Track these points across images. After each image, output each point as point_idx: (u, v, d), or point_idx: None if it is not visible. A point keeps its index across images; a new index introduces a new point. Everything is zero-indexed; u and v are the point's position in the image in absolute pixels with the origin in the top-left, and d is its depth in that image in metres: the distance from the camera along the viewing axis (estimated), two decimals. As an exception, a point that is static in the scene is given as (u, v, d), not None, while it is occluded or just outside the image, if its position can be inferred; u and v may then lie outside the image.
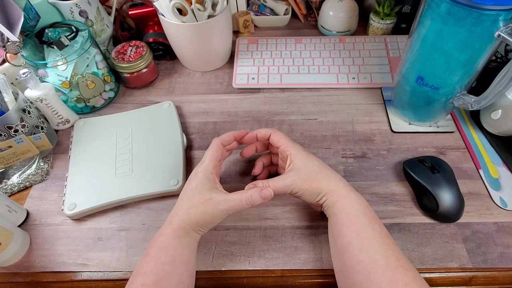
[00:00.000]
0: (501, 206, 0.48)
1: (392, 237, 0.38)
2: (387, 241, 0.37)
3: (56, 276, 0.45)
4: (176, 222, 0.39)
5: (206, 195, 0.39)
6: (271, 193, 0.39)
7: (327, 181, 0.41)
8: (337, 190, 0.41)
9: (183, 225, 0.39)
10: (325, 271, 0.44)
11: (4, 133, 0.51)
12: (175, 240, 0.38)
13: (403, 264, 0.35)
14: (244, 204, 0.39)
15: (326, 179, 0.41)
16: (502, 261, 0.44)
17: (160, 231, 0.40)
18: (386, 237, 0.37)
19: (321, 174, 0.42)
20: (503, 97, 0.51)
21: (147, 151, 0.55)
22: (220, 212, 0.39)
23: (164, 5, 0.58)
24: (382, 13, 0.71)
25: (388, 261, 0.35)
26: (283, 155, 0.45)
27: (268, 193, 0.39)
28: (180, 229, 0.39)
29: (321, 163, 0.43)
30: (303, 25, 0.80)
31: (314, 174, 0.41)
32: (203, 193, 0.40)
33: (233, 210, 0.39)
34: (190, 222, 0.39)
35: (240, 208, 0.39)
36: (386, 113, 0.61)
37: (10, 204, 0.48)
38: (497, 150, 0.54)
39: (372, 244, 0.36)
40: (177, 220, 0.39)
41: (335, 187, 0.41)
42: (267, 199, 0.39)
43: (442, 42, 0.44)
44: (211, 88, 0.67)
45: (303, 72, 0.67)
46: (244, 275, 0.44)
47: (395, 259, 0.35)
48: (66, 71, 0.57)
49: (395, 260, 0.35)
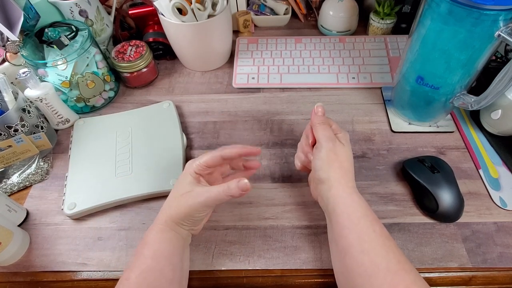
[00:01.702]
0: (501, 206, 0.48)
1: (393, 239, 0.38)
2: (388, 244, 0.37)
3: (56, 276, 0.45)
4: (159, 216, 0.40)
5: (187, 188, 0.40)
6: (247, 184, 0.37)
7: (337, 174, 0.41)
8: (340, 187, 0.40)
9: (165, 219, 0.40)
10: (325, 271, 0.44)
11: (4, 132, 0.51)
12: (157, 234, 0.39)
13: (404, 267, 0.35)
14: (222, 195, 0.38)
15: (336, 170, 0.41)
16: (501, 261, 0.44)
17: (149, 227, 0.40)
18: (387, 239, 0.37)
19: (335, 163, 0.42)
20: (503, 97, 0.51)
21: (147, 150, 0.55)
22: (198, 204, 0.38)
23: (164, 4, 0.58)
24: (382, 13, 0.71)
25: (389, 264, 0.35)
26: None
27: (244, 184, 0.37)
28: (163, 223, 0.39)
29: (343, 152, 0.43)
30: (303, 25, 0.80)
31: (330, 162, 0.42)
32: (185, 186, 0.40)
33: (212, 201, 0.38)
34: (172, 216, 0.39)
35: (218, 199, 0.38)
36: (386, 113, 0.61)
37: (10, 204, 0.48)
38: (497, 150, 0.54)
39: (373, 246, 0.36)
40: (161, 215, 0.40)
41: (338, 184, 0.41)
42: (244, 190, 0.37)
43: (442, 42, 0.44)
44: (211, 87, 0.67)
45: (303, 72, 0.67)
46: (244, 275, 0.44)
47: (396, 262, 0.35)
48: (66, 70, 0.57)
49: (396, 263, 0.35)
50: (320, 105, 0.47)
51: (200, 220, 0.41)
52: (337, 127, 0.45)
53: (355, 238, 0.37)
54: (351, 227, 0.38)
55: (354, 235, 0.37)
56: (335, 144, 0.42)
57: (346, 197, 0.40)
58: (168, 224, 0.39)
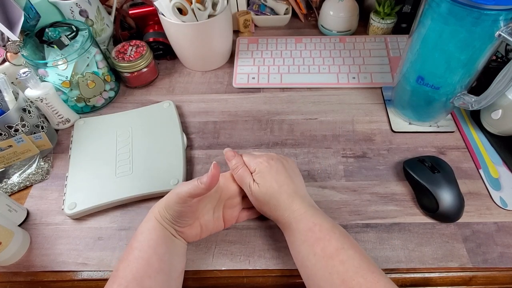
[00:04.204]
0: (501, 206, 0.48)
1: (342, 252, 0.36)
2: (331, 263, 0.35)
3: (56, 276, 0.46)
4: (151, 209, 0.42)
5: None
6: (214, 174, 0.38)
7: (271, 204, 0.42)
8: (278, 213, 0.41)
9: (153, 210, 0.41)
10: (325, 270, 0.44)
11: (4, 132, 0.51)
12: (144, 224, 0.40)
13: (348, 285, 0.34)
14: (197, 184, 0.38)
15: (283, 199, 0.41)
16: (502, 261, 0.44)
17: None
18: (330, 259, 0.36)
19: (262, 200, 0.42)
20: (503, 97, 0.51)
21: (147, 150, 0.55)
22: (176, 195, 0.39)
23: (164, 4, 0.58)
24: (382, 12, 0.71)
25: (332, 287, 0.34)
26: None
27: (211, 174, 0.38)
28: (150, 214, 0.41)
29: (258, 192, 0.42)
30: (303, 24, 0.80)
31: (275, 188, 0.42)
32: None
33: (188, 192, 0.38)
34: (158, 206, 0.41)
35: (194, 191, 0.38)
36: (386, 112, 0.61)
37: (10, 204, 0.48)
38: (497, 150, 0.54)
39: (314, 272, 0.36)
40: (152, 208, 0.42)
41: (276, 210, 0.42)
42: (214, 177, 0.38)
43: (443, 42, 0.44)
44: (211, 87, 0.67)
45: (303, 72, 0.67)
46: (244, 275, 0.44)
47: (340, 282, 0.34)
48: (66, 70, 0.57)
49: (340, 283, 0.34)
50: (227, 150, 0.47)
51: (183, 219, 0.40)
52: (255, 162, 0.44)
53: (299, 265, 0.39)
54: (295, 254, 0.40)
55: (299, 262, 0.39)
56: (252, 187, 0.43)
57: (285, 229, 0.41)
58: (153, 214, 0.40)
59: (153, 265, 0.37)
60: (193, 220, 0.42)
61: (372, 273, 0.34)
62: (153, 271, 0.37)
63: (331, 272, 0.35)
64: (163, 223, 0.40)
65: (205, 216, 0.44)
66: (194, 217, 0.42)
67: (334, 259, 0.36)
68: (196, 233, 0.43)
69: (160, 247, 0.39)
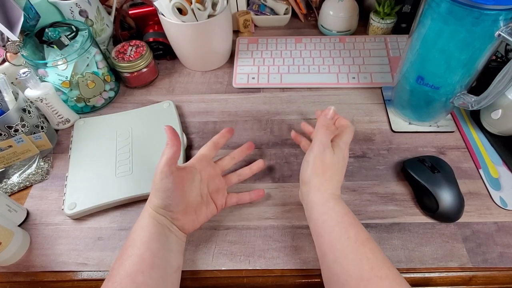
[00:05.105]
0: (501, 206, 0.48)
1: (372, 242, 0.37)
2: (362, 250, 0.36)
3: (56, 276, 0.46)
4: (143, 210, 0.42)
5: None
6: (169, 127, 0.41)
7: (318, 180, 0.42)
8: (318, 193, 0.41)
9: (146, 207, 0.41)
10: (325, 270, 0.44)
11: (4, 132, 0.51)
12: (136, 224, 0.41)
13: (377, 274, 0.34)
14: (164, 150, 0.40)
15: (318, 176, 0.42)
16: (502, 260, 0.44)
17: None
18: (361, 245, 0.36)
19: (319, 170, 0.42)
20: (503, 96, 0.51)
21: (147, 150, 0.55)
22: (158, 173, 0.40)
23: (164, 4, 0.58)
24: (382, 12, 0.71)
25: (361, 272, 0.34)
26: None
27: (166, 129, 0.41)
28: (142, 213, 0.41)
29: (330, 160, 0.43)
30: (303, 24, 0.80)
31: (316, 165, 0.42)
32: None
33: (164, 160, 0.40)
34: (147, 202, 0.42)
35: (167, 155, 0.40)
36: (386, 112, 0.61)
37: (10, 204, 0.48)
38: (497, 150, 0.54)
39: (345, 255, 0.36)
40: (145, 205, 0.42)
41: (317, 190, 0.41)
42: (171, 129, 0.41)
43: (443, 42, 0.44)
44: (211, 87, 0.67)
45: (303, 72, 0.67)
46: (244, 275, 0.44)
47: (369, 269, 0.34)
48: (66, 70, 0.57)
49: (369, 270, 0.34)
50: (332, 108, 0.48)
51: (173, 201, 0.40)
52: (343, 130, 0.46)
53: (328, 247, 0.38)
54: (324, 235, 0.39)
55: (327, 244, 0.38)
56: (325, 151, 0.43)
57: (322, 204, 0.40)
58: (147, 210, 0.41)
59: (146, 261, 0.37)
60: (183, 203, 0.42)
61: (393, 268, 0.36)
62: (146, 267, 0.37)
63: (361, 258, 0.35)
64: (156, 217, 0.40)
65: (194, 198, 0.43)
66: (183, 199, 0.42)
67: (365, 246, 0.36)
68: (192, 218, 0.43)
69: (153, 243, 0.39)
